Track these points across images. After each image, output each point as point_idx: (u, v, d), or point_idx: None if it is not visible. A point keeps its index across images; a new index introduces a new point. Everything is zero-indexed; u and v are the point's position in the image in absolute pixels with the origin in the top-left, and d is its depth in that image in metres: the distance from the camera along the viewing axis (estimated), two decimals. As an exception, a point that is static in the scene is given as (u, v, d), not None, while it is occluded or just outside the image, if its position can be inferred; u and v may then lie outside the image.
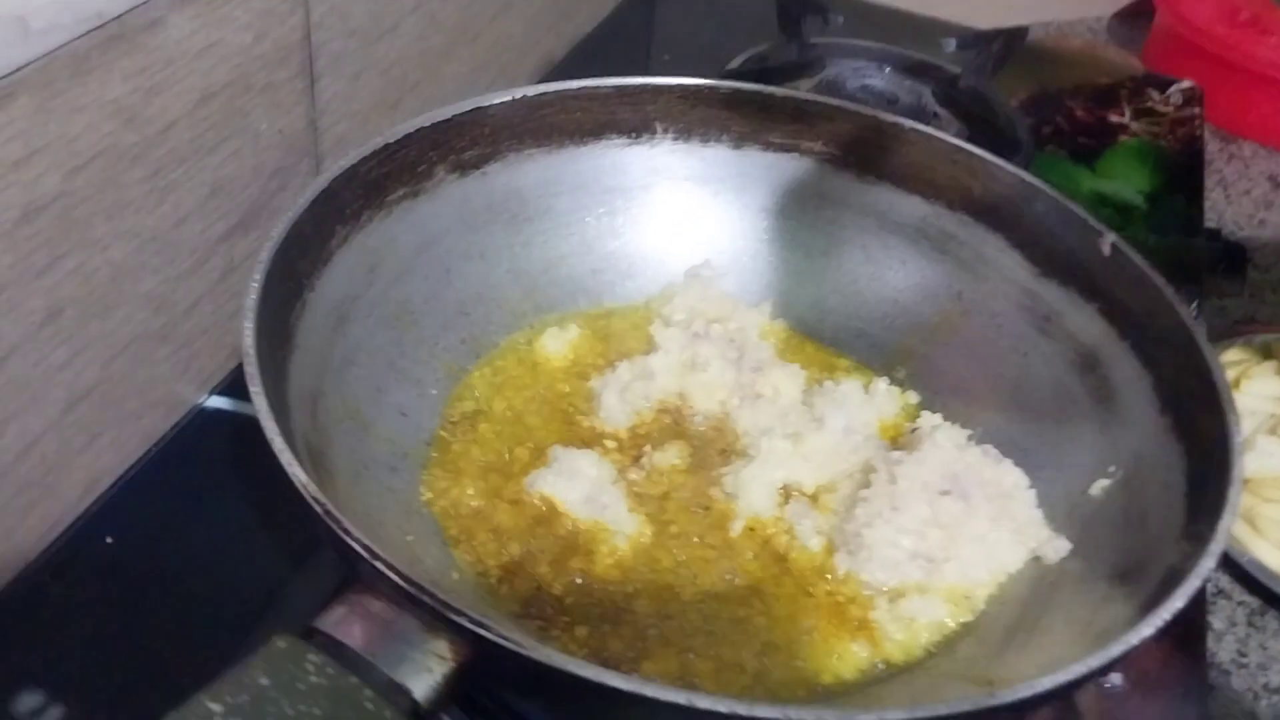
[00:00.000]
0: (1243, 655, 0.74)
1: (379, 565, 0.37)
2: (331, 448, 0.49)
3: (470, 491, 0.53)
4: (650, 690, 0.34)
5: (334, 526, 0.37)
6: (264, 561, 0.59)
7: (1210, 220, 1.14)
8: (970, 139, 0.97)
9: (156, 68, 0.55)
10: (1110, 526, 0.50)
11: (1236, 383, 0.91)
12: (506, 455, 0.55)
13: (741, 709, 0.34)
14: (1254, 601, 0.77)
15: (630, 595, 0.49)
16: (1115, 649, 0.38)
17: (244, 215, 0.65)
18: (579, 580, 0.49)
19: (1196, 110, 1.08)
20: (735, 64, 0.95)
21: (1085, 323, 0.57)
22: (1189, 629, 0.61)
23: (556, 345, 0.61)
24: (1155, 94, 1.10)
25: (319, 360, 0.51)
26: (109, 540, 0.58)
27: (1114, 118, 1.06)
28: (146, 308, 0.60)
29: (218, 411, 0.66)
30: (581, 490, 0.53)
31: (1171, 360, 0.52)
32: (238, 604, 0.56)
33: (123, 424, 0.61)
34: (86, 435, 0.58)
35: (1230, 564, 0.78)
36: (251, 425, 0.63)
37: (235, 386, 0.67)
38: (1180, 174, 0.99)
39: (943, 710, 0.34)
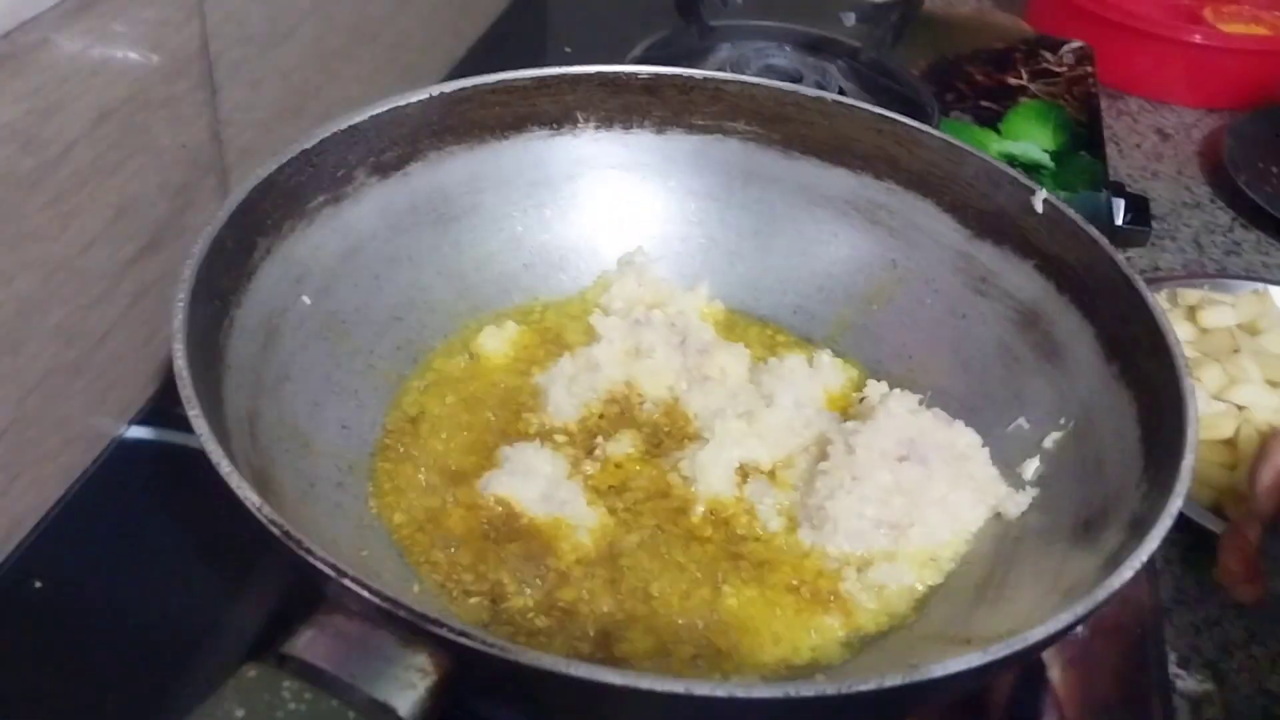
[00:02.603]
0: (1180, 592, 0.77)
1: (347, 583, 0.35)
2: (275, 468, 0.47)
3: (422, 500, 0.51)
4: (646, 683, 0.33)
5: (295, 548, 0.36)
6: (200, 593, 0.56)
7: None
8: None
9: (50, 87, 0.52)
10: (1068, 477, 0.51)
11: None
12: (455, 460, 0.54)
13: (740, 692, 0.33)
14: (1187, 539, 0.79)
15: (597, 591, 0.48)
16: (1094, 598, 0.38)
17: (152, 236, 0.62)
18: (543, 581, 0.48)
19: (1089, 69, 1.11)
20: (637, 52, 0.94)
21: (1023, 280, 0.57)
22: (1144, 574, 0.62)
23: (495, 343, 0.59)
24: (1048, 55, 1.13)
25: (252, 379, 0.49)
26: (37, 585, 0.55)
27: (1012, 80, 1.08)
28: (57, 340, 0.57)
29: (139, 442, 0.63)
30: (537, 488, 0.51)
31: (1112, 309, 0.52)
32: (177, 639, 0.53)
33: (41, 463, 0.58)
34: (4, 477, 0.55)
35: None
36: (175, 453, 0.60)
37: (155, 414, 0.64)
38: (1081, 130, 1.01)
39: (922, 676, 0.34)
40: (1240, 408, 0.84)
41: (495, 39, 1.07)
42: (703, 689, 0.33)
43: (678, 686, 0.33)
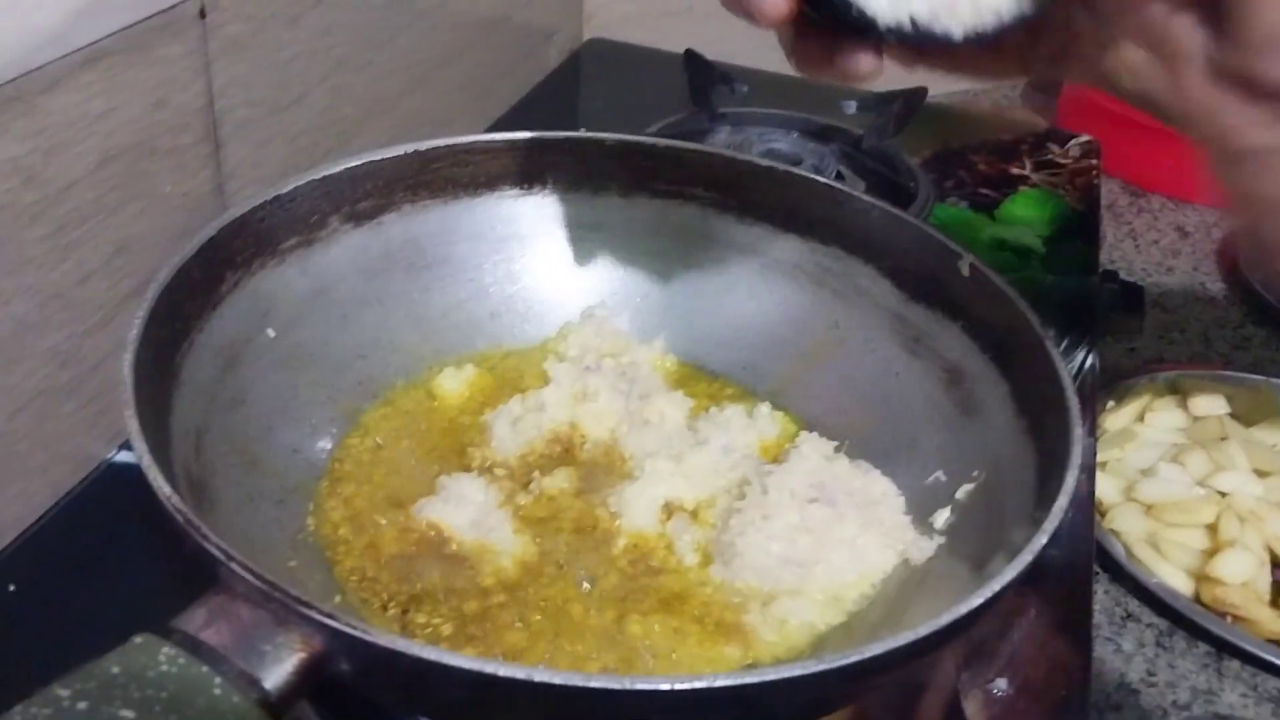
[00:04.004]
0: (1151, 675, 0.76)
1: (234, 566, 0.38)
2: (216, 479, 0.50)
3: (359, 522, 0.54)
4: (493, 669, 0.36)
5: (191, 531, 0.39)
6: (169, 613, 0.60)
7: (1121, 269, 1.19)
8: (869, 193, 1.02)
9: (55, 129, 0.58)
10: (973, 525, 0.52)
11: (1142, 416, 0.94)
12: (398, 488, 0.57)
13: (575, 680, 0.35)
14: (1162, 623, 0.79)
15: (509, 609, 0.51)
16: (945, 618, 0.39)
17: (151, 274, 0.66)
18: (459, 598, 0.51)
19: (1095, 162, 1.13)
20: (649, 133, 0.99)
21: (951, 341, 0.59)
22: (1075, 637, 0.63)
23: (453, 384, 0.63)
24: (1055, 148, 1.15)
25: (206, 397, 0.53)
26: (11, 589, 0.59)
27: (1015, 170, 1.10)
28: (51, 363, 0.62)
29: (128, 466, 0.68)
30: (468, 515, 0.54)
31: (1026, 367, 0.54)
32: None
33: (29, 477, 0.62)
34: (-10, 487, 0.60)
35: (1138, 587, 0.80)
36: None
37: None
38: (1078, 219, 1.03)
39: (771, 676, 0.36)
40: (1223, 494, 0.85)
41: (518, 120, 1.12)
42: (542, 675, 0.35)
43: (519, 673, 0.35)
